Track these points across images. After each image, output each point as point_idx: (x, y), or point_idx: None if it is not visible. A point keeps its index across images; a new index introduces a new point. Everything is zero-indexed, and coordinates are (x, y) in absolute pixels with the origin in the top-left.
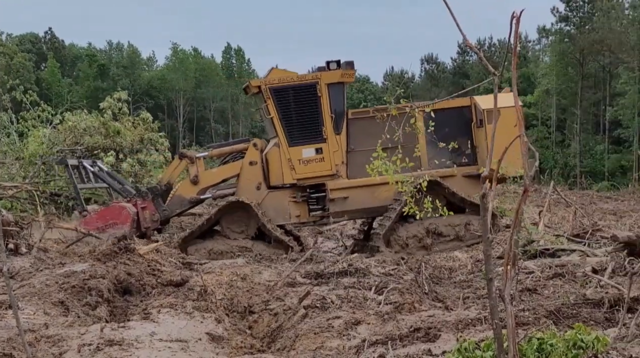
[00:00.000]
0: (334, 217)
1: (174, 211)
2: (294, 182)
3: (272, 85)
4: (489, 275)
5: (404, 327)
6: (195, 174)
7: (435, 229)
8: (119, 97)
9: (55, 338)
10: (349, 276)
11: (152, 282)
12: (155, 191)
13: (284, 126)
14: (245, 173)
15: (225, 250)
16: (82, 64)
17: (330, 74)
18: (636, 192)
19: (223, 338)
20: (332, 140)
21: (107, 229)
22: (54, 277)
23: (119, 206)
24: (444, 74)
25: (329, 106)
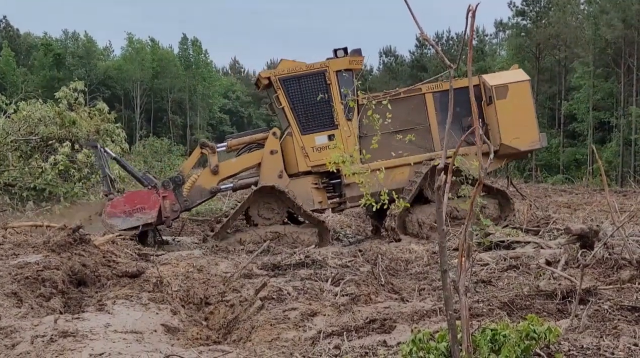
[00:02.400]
0: (350, 201)
1: (195, 202)
2: (309, 170)
3: (281, 75)
4: (443, 266)
5: (359, 318)
6: (215, 163)
7: (450, 211)
8: (75, 87)
9: (8, 329)
10: (305, 268)
11: (108, 273)
12: (177, 181)
13: (295, 115)
14: (267, 162)
15: (255, 238)
16: (37, 53)
17: (338, 61)
18: (590, 185)
19: (179, 329)
20: (344, 125)
21: (134, 214)
22: (7, 268)
23: (148, 191)
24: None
25: (339, 93)
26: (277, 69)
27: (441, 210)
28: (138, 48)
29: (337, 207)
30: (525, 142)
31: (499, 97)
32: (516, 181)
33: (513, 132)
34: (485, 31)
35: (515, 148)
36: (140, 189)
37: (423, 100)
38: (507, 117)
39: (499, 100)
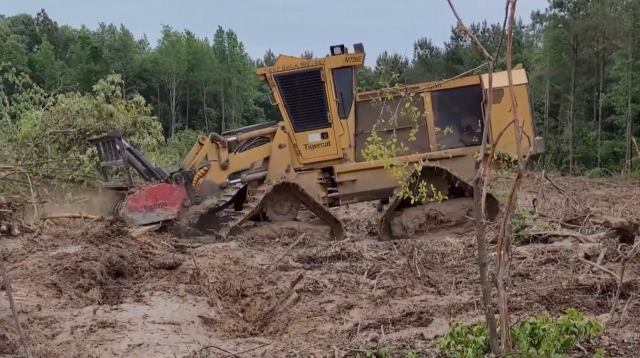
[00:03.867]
0: (343, 199)
1: (205, 197)
2: (300, 167)
3: (276, 72)
4: (482, 260)
5: (396, 311)
6: (226, 158)
7: (436, 215)
8: (112, 79)
9: (48, 320)
10: (341, 260)
11: (145, 265)
12: (190, 176)
13: (289, 112)
14: (275, 156)
15: (270, 234)
16: (75, 46)
17: (334, 59)
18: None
19: (215, 321)
20: (338, 124)
21: (156, 209)
22: (47, 259)
23: (170, 187)
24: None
25: (334, 91)
26: (274, 65)
27: (480, 202)
28: (174, 41)
29: (333, 202)
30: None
31: (494, 101)
32: (552, 174)
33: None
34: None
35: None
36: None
37: (420, 100)
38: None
39: (494, 104)
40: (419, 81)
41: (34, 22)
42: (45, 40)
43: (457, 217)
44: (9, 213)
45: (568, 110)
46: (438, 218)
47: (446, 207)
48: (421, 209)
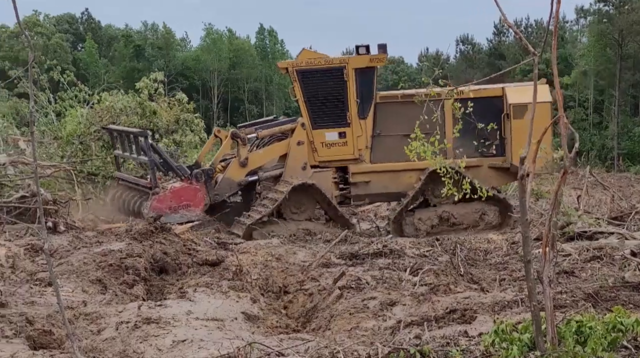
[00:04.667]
0: (355, 200)
1: (223, 195)
2: (316, 164)
3: (299, 67)
4: (527, 257)
5: (439, 308)
6: (245, 156)
7: (448, 217)
8: (155, 77)
9: (94, 315)
10: (383, 257)
11: (188, 261)
12: (210, 174)
13: (308, 109)
14: (293, 153)
15: (284, 233)
16: (118, 44)
17: (358, 59)
18: None
19: (258, 317)
20: (356, 124)
21: (180, 210)
22: (92, 256)
23: (195, 188)
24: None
25: (356, 91)
26: (296, 59)
27: (524, 199)
28: (215, 39)
29: (343, 201)
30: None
31: (516, 116)
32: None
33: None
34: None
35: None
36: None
37: (441, 106)
38: (521, 138)
39: (516, 119)
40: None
41: (78, 21)
42: (89, 39)
43: (470, 220)
44: (54, 210)
45: (613, 105)
46: (450, 221)
47: (459, 210)
48: (434, 211)
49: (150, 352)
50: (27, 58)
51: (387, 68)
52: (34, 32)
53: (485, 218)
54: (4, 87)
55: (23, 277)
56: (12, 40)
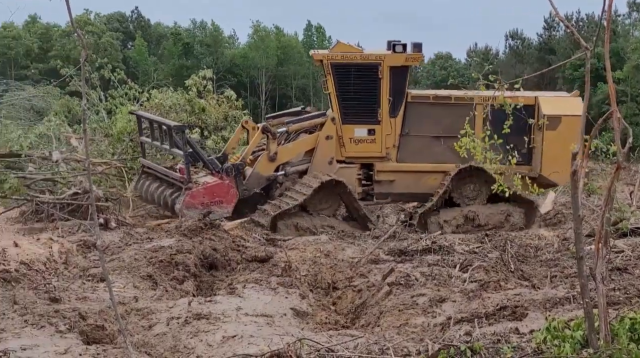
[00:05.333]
0: (378, 198)
1: (252, 190)
2: (342, 159)
3: (334, 60)
4: (579, 253)
5: (489, 305)
6: (275, 150)
7: (474, 217)
8: (204, 74)
9: (145, 311)
10: (432, 253)
11: (237, 258)
12: (240, 168)
13: (340, 103)
14: (322, 147)
15: (310, 227)
16: (167, 42)
17: (394, 57)
18: None
19: (307, 313)
20: (386, 123)
21: (212, 206)
22: (143, 252)
23: (228, 184)
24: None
25: (389, 89)
26: (331, 52)
27: (577, 195)
28: (263, 36)
29: (364, 198)
30: (564, 179)
31: (549, 127)
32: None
33: (554, 165)
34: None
35: (552, 182)
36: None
37: (473, 110)
38: (552, 150)
39: (548, 131)
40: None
41: (128, 19)
42: (138, 37)
43: (495, 221)
44: (106, 207)
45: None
46: (476, 221)
47: (485, 210)
48: (459, 210)
49: (201, 348)
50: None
51: (435, 64)
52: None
53: (511, 219)
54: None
55: (76, 273)
56: (64, 39)
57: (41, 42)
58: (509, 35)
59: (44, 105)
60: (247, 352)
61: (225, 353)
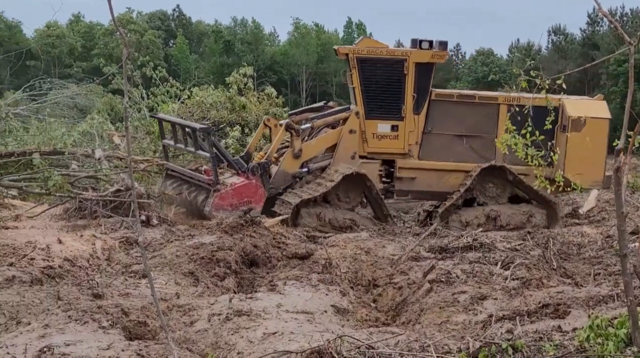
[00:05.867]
0: (398, 195)
1: (279, 188)
2: (364, 154)
3: (360, 55)
4: (622, 251)
5: (531, 302)
6: (299, 147)
7: (495, 216)
8: (245, 72)
9: (186, 307)
10: (473, 251)
11: (278, 255)
12: (266, 167)
13: (364, 98)
14: (345, 141)
15: (332, 219)
16: (208, 40)
17: (420, 53)
18: None
19: (348, 311)
20: (410, 119)
21: (241, 207)
22: (184, 249)
23: (256, 184)
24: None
25: (414, 85)
26: (357, 46)
27: (620, 191)
28: (303, 33)
29: (384, 195)
30: (587, 181)
31: (574, 129)
32: None
33: (577, 167)
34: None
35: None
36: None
37: (496, 110)
38: (576, 152)
39: (572, 132)
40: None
41: (170, 17)
42: (180, 35)
43: (516, 222)
44: (147, 203)
45: None
46: (497, 221)
47: (506, 210)
48: (481, 209)
49: (242, 344)
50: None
51: (477, 60)
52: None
53: (533, 220)
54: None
55: (118, 269)
56: (107, 38)
57: (84, 40)
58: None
59: (87, 103)
60: (288, 349)
61: (266, 350)
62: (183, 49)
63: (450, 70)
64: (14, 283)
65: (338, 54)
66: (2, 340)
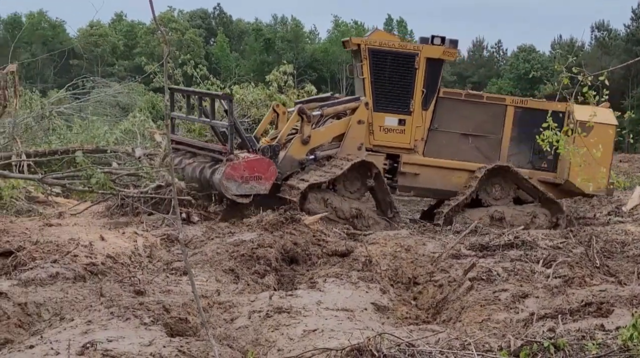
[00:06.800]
0: (401, 190)
1: (285, 173)
2: (369, 147)
3: (371, 46)
4: None
5: (574, 301)
6: (309, 133)
7: (500, 217)
8: (285, 70)
9: (227, 304)
10: (515, 249)
11: (318, 252)
12: (276, 150)
13: (373, 89)
14: (352, 131)
15: (338, 207)
16: (248, 38)
17: (432, 49)
18: None
19: (388, 308)
20: (418, 115)
21: (251, 181)
22: (224, 246)
23: (269, 161)
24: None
25: (423, 80)
26: (369, 38)
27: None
28: (344, 30)
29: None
30: (592, 187)
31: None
32: None
33: (583, 172)
34: None
35: (579, 189)
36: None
37: (503, 111)
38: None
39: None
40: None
41: (210, 16)
42: (220, 33)
43: (520, 222)
44: (188, 200)
45: None
46: (502, 222)
47: (511, 211)
48: (485, 210)
49: (282, 341)
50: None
51: (519, 56)
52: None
53: (536, 221)
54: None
55: (160, 266)
56: (148, 37)
57: (126, 39)
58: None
59: (129, 101)
60: (328, 346)
61: (306, 347)
62: (223, 47)
63: (491, 67)
64: (57, 279)
65: (349, 45)
66: (46, 336)
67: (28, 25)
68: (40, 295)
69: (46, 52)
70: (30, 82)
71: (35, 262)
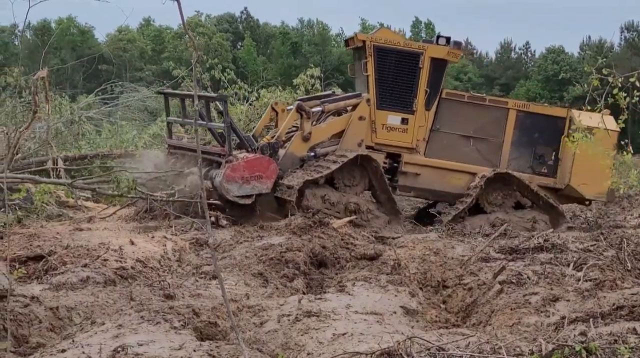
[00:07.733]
0: (400, 190)
1: (286, 171)
2: (371, 145)
3: (377, 43)
4: None
5: (605, 304)
6: (309, 130)
7: (501, 224)
8: (312, 73)
9: (256, 308)
10: (545, 252)
11: (346, 256)
12: (275, 148)
13: (377, 87)
14: (353, 127)
15: (337, 202)
16: (275, 42)
17: (437, 49)
18: None
19: (417, 312)
20: (421, 114)
21: (251, 181)
22: (253, 250)
23: (268, 159)
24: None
25: (427, 80)
26: (374, 35)
27: None
28: None
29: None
30: (592, 191)
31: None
32: None
33: (583, 177)
34: None
35: (580, 193)
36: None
37: (505, 115)
38: (583, 162)
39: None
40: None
41: (237, 20)
42: (247, 37)
43: (520, 228)
44: (217, 205)
45: None
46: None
47: (511, 217)
48: (485, 217)
49: (311, 345)
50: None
51: (547, 58)
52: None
53: (537, 226)
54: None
55: (189, 270)
56: (176, 41)
57: (154, 44)
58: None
59: (157, 106)
60: (357, 350)
61: (336, 351)
62: (251, 51)
63: (519, 69)
64: (88, 283)
65: (352, 43)
66: (78, 340)
67: (58, 31)
68: (72, 299)
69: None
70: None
71: (66, 266)
